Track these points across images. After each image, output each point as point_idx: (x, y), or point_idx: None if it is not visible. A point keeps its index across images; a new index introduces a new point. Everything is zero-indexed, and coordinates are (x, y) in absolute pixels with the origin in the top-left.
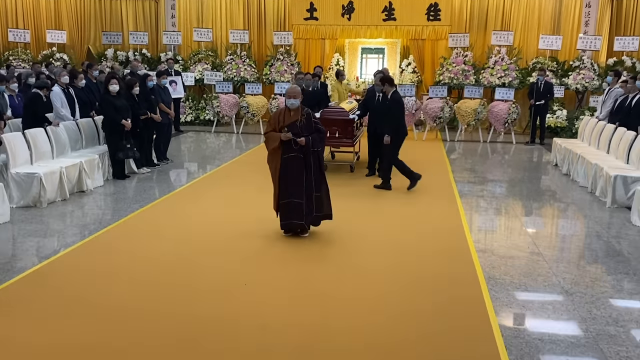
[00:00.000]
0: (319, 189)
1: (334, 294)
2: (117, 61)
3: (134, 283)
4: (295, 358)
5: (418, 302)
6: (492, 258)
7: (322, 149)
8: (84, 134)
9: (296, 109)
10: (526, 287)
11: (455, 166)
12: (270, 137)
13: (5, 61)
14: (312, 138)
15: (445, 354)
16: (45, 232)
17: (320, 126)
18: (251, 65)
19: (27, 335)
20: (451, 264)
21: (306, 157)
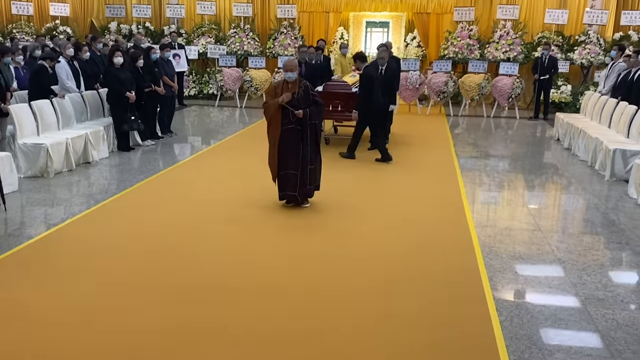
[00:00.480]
0: (313, 161)
1: (331, 260)
2: (120, 34)
3: (139, 248)
4: (293, 317)
5: (414, 268)
6: (488, 228)
7: (319, 121)
8: (89, 106)
9: (294, 81)
10: (520, 255)
11: (457, 141)
12: (268, 105)
13: (9, 34)
14: (309, 110)
15: (438, 317)
16: (53, 201)
17: (317, 99)
18: (255, 39)
19: (38, 296)
20: (448, 233)
21: (303, 129)
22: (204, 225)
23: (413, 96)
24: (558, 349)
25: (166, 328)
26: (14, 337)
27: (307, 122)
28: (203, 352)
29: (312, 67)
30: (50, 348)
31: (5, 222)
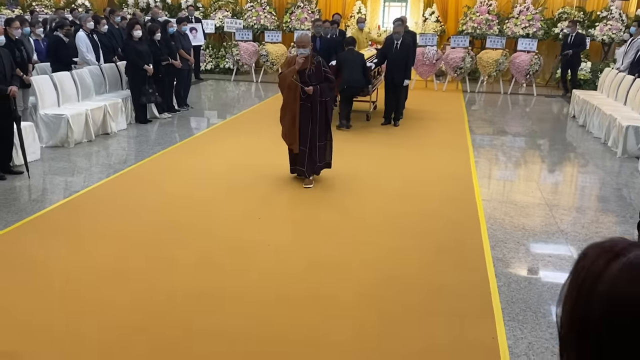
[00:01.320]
0: (323, 138)
1: (336, 229)
2: (138, 7)
3: (156, 213)
4: (299, 281)
5: (417, 236)
6: (495, 202)
7: (330, 98)
8: (107, 78)
9: (306, 57)
10: (524, 227)
11: (473, 117)
12: (284, 75)
13: (29, 7)
14: (320, 87)
15: (437, 280)
16: (73, 170)
17: (330, 75)
18: (271, 13)
19: (63, 255)
20: (454, 205)
21: (313, 106)
22: (216, 195)
23: (430, 72)
24: (552, 311)
25: (185, 291)
26: (42, 292)
27: (317, 98)
28: (219, 312)
29: (327, 41)
30: (75, 302)
31: (29, 189)
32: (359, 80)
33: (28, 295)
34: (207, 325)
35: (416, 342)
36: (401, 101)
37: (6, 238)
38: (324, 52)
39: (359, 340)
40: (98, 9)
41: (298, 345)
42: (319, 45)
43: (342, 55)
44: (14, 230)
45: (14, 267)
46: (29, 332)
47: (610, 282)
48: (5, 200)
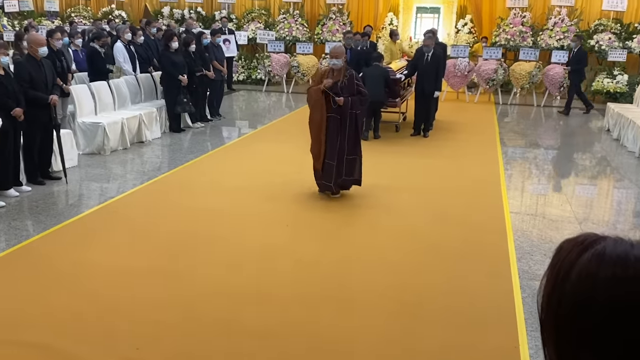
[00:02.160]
0: (352, 152)
1: (365, 235)
2: (172, 19)
3: (189, 217)
4: (326, 284)
5: (444, 244)
6: (523, 214)
7: (361, 112)
8: (143, 88)
9: (339, 69)
10: (551, 239)
11: (504, 129)
12: (312, 91)
13: (68, 18)
14: (351, 99)
15: (464, 290)
16: (109, 177)
17: (362, 89)
18: (303, 25)
19: (99, 257)
20: (482, 215)
21: (343, 118)
22: (246, 202)
23: (461, 83)
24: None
25: (216, 291)
26: (80, 292)
27: (348, 110)
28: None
29: (357, 53)
30: (109, 300)
31: (67, 194)
32: (379, 95)
33: (65, 293)
34: (235, 322)
35: (438, 346)
36: (431, 112)
37: (46, 240)
38: (354, 64)
39: (382, 342)
40: (134, 19)
41: (321, 344)
42: (349, 57)
43: (367, 70)
44: (52, 233)
45: (53, 267)
46: (64, 327)
47: (582, 270)
48: (44, 205)
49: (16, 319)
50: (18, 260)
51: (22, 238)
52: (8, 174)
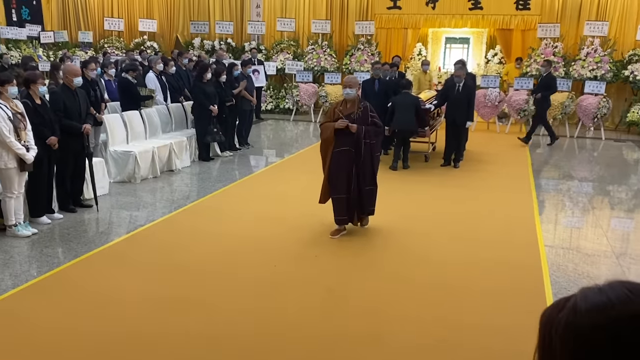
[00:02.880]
0: (366, 183)
1: (396, 269)
2: (203, 49)
3: (217, 246)
4: (359, 319)
5: (477, 279)
6: (558, 248)
7: (376, 142)
8: (174, 117)
9: (353, 100)
10: (588, 275)
11: (537, 160)
12: (325, 127)
13: (101, 48)
14: (365, 129)
15: (499, 325)
16: (139, 205)
17: (377, 120)
18: (332, 55)
19: (127, 285)
20: (515, 249)
21: (357, 150)
22: (273, 231)
23: (492, 113)
24: None
25: (244, 321)
26: (109, 319)
27: (362, 140)
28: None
29: (385, 83)
30: (136, 329)
31: (97, 222)
32: (409, 124)
33: (94, 320)
34: (263, 354)
35: None
36: (462, 143)
37: (76, 267)
38: (382, 94)
39: None
40: (166, 50)
41: None
42: (377, 87)
43: (396, 99)
44: (83, 260)
45: (83, 294)
46: (92, 353)
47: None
48: (76, 232)
49: (46, 346)
50: (49, 287)
51: (54, 265)
52: (41, 201)
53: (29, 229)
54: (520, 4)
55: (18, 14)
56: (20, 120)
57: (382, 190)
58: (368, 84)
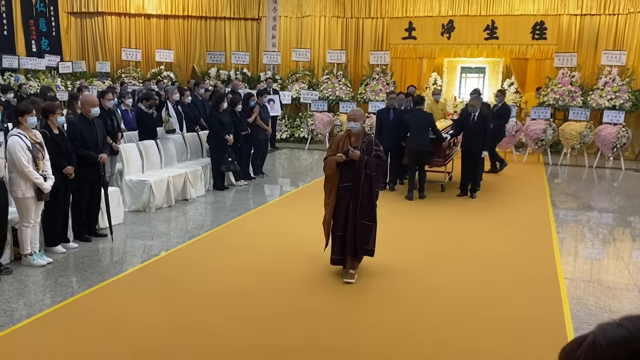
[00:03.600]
0: (365, 218)
1: (413, 299)
2: (219, 79)
3: (231, 278)
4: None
5: (497, 314)
6: (579, 280)
7: (376, 175)
8: (189, 146)
9: (357, 133)
10: (610, 309)
11: (555, 191)
12: (328, 162)
13: (118, 78)
14: (367, 159)
15: None
16: (153, 234)
17: (381, 154)
18: (347, 85)
19: (141, 315)
20: (534, 282)
21: (355, 183)
22: (287, 263)
23: (509, 143)
24: None
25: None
26: (120, 349)
27: (362, 171)
28: None
29: (400, 112)
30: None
31: (112, 251)
32: (424, 144)
33: (106, 349)
34: None
35: None
36: (478, 172)
37: (90, 297)
38: (397, 124)
39: None
40: (182, 80)
41: None
42: (392, 116)
43: (409, 117)
44: (97, 290)
45: (96, 324)
46: None
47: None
48: (90, 262)
49: None
50: (63, 317)
51: (68, 295)
52: (57, 230)
53: (44, 258)
54: (537, 34)
55: (38, 45)
56: (38, 150)
57: (397, 221)
58: (383, 114)
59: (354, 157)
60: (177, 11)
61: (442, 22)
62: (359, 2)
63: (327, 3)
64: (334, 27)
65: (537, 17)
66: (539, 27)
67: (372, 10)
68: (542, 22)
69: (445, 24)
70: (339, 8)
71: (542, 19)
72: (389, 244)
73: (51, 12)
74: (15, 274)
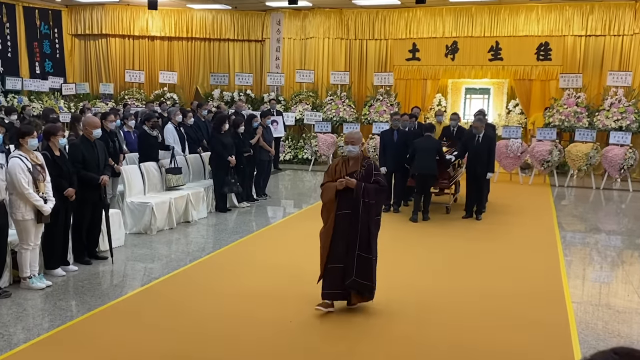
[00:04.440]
0: (366, 249)
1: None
2: (222, 101)
3: (231, 303)
4: None
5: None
6: (587, 304)
7: (375, 203)
8: (191, 168)
9: (355, 158)
10: (619, 334)
11: (562, 213)
12: (325, 188)
13: (122, 100)
14: (365, 186)
15: None
16: (154, 257)
17: (381, 179)
18: (350, 106)
19: (140, 341)
20: (542, 306)
21: (354, 211)
22: (290, 285)
23: (514, 164)
24: None
25: None
26: None
27: (360, 200)
28: None
29: (404, 134)
30: None
31: (112, 274)
32: (430, 168)
33: None
34: None
35: None
36: (483, 194)
37: (89, 321)
38: (401, 145)
39: None
40: (185, 101)
41: None
42: (396, 138)
43: (417, 142)
44: (97, 314)
45: (94, 349)
46: None
47: None
48: (90, 285)
49: None
50: (61, 342)
51: (67, 319)
52: (57, 253)
53: (44, 282)
54: (542, 55)
55: (41, 67)
56: (39, 172)
57: (402, 244)
58: (387, 135)
59: (350, 186)
60: (180, 33)
61: (446, 44)
62: (363, 23)
63: (331, 25)
64: (338, 48)
65: (541, 38)
66: (544, 48)
67: (375, 31)
68: (546, 42)
69: (449, 45)
70: (342, 30)
71: (547, 39)
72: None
73: (55, 34)
74: (14, 297)
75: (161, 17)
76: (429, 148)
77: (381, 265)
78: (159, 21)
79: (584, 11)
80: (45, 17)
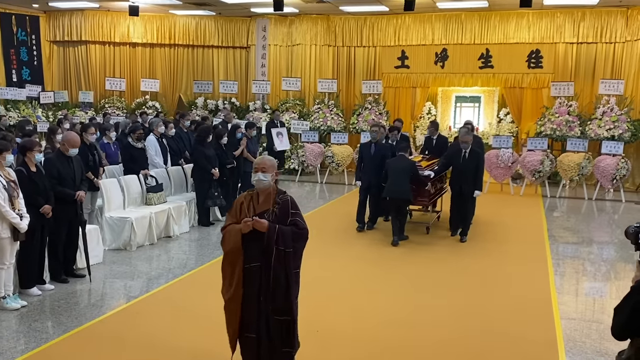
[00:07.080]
0: (276, 311)
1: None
2: (206, 109)
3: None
4: None
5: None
6: (576, 321)
7: (292, 252)
8: (173, 181)
9: (267, 191)
10: (607, 352)
11: (553, 224)
12: (227, 232)
13: (102, 108)
14: (280, 229)
15: None
16: (134, 274)
17: (299, 220)
18: (338, 114)
19: None
20: (529, 323)
21: (266, 263)
22: None
23: (505, 175)
24: None
25: None
26: None
27: (272, 247)
28: None
29: (382, 147)
30: None
31: (90, 293)
32: (403, 192)
33: None
34: None
35: None
36: (468, 215)
37: (65, 343)
38: (378, 158)
39: None
40: (168, 110)
41: None
42: (374, 150)
43: (390, 162)
44: (73, 335)
45: None
46: None
47: None
48: (66, 305)
49: None
50: None
51: (42, 341)
52: (32, 272)
53: (18, 302)
54: (533, 62)
55: (18, 75)
56: (13, 189)
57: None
58: (365, 148)
59: (259, 228)
60: (163, 39)
61: (435, 51)
62: (350, 30)
63: (318, 31)
64: (325, 55)
65: (532, 45)
66: (535, 56)
67: (363, 38)
68: (537, 50)
69: (438, 53)
70: (330, 36)
71: (538, 47)
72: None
73: (33, 41)
74: None
75: (143, 23)
76: (401, 169)
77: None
78: (141, 27)
79: (575, 18)
80: (22, 23)
